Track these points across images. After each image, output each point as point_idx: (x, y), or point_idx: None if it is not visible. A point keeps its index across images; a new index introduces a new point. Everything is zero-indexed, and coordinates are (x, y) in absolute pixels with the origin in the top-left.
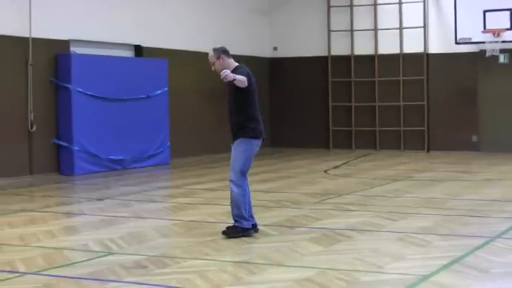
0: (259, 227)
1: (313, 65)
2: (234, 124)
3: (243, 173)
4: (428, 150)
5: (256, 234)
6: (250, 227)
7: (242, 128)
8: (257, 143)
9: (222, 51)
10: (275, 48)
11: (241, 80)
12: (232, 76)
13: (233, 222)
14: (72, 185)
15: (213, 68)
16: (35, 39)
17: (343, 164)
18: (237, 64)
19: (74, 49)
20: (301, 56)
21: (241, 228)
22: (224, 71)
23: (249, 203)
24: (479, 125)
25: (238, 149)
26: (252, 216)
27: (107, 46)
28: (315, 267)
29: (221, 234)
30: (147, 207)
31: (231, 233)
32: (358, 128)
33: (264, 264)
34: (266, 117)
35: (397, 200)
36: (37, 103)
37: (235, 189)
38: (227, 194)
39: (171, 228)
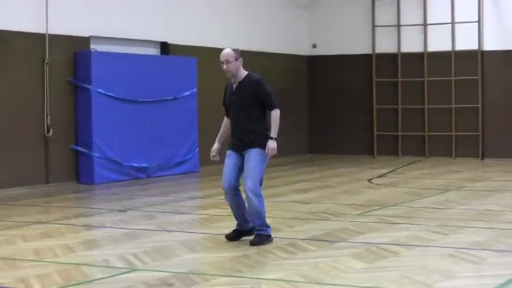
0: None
1: (356, 63)
2: (248, 133)
3: (261, 183)
4: (482, 158)
5: (293, 249)
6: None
7: (259, 137)
8: None
9: (240, 55)
10: (314, 46)
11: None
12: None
13: (256, 233)
14: (92, 195)
15: (224, 67)
16: (52, 36)
17: (389, 172)
18: (246, 72)
19: (95, 47)
20: (343, 54)
21: (267, 236)
22: (273, 150)
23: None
24: None
25: (257, 158)
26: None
27: (131, 43)
28: (357, 286)
29: (250, 246)
30: (173, 219)
31: (259, 242)
32: (405, 133)
33: (301, 282)
34: (304, 121)
35: (448, 212)
36: (54, 105)
37: (255, 200)
38: None
39: (200, 243)
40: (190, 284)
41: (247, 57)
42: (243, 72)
